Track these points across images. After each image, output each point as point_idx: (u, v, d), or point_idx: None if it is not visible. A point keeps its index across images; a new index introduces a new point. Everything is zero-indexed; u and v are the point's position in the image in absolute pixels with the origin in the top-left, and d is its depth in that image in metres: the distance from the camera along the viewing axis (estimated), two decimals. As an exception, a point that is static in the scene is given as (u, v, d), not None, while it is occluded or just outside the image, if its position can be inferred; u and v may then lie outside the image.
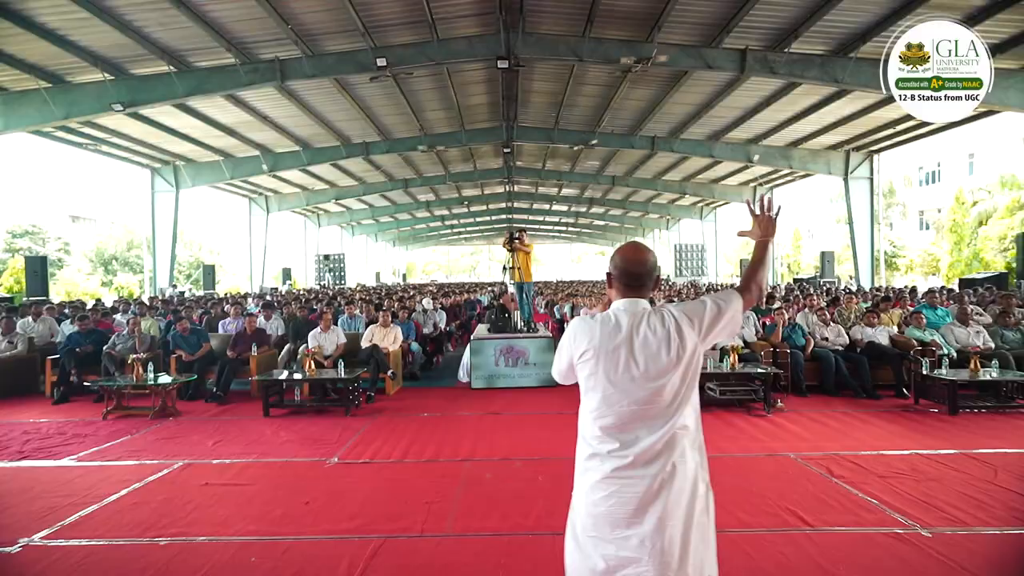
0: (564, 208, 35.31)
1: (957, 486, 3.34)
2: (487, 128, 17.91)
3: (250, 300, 13.80)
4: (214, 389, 6.14)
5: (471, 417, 5.21)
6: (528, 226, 46.19)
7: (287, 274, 26.01)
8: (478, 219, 40.37)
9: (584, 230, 46.33)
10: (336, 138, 17.61)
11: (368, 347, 6.25)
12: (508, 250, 7.03)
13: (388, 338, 6.56)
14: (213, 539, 2.83)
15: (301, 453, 4.22)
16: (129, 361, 5.66)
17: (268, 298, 13.83)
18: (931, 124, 15.13)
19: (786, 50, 10.77)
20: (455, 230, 44.80)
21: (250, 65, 11.54)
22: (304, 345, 6.23)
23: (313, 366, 5.56)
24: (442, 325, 8.92)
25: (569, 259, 64.66)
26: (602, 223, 41.16)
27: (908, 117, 14.80)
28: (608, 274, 1.63)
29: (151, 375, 5.57)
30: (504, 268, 7.20)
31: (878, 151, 17.48)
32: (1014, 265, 12.87)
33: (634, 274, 1.57)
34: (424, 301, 8.34)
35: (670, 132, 17.16)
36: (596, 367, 1.52)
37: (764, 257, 1.66)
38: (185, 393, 6.19)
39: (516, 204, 34.60)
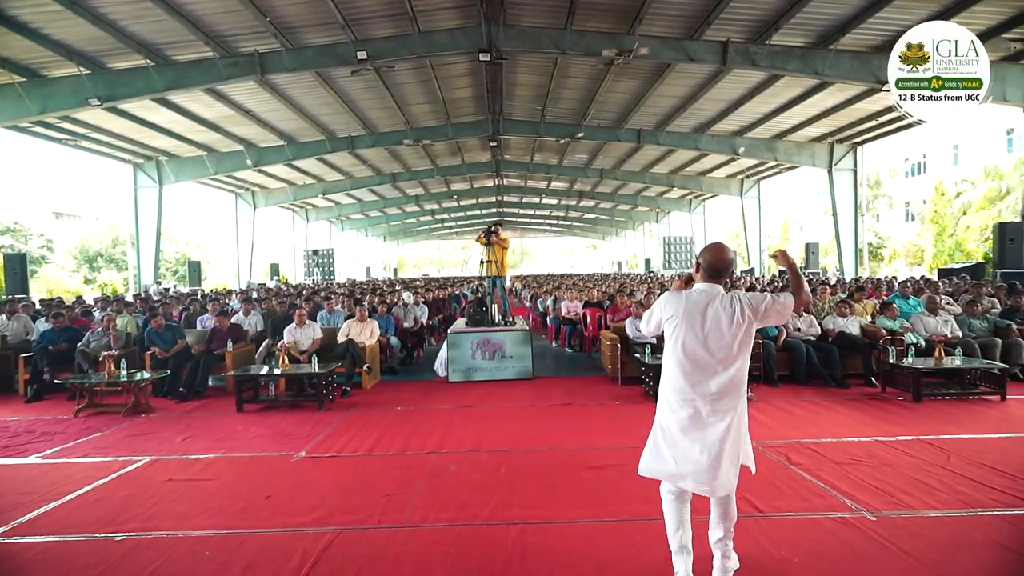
0: (554, 201, 35.32)
1: (909, 471, 3.41)
2: (473, 122, 17.85)
3: (233, 296, 13.70)
4: (180, 389, 6.07)
5: (444, 410, 5.23)
6: (518, 220, 46.26)
7: (275, 269, 25.85)
8: (468, 213, 40.27)
9: (575, 223, 46.34)
10: (321, 132, 17.47)
11: (344, 342, 6.25)
12: (484, 244, 7.04)
13: (365, 333, 6.56)
14: (170, 534, 2.84)
15: (269, 448, 4.22)
16: (100, 358, 5.62)
17: (254, 294, 13.77)
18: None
19: (767, 42, 10.81)
20: (446, 224, 44.67)
21: (229, 59, 11.42)
22: (279, 340, 6.22)
23: (286, 361, 5.55)
24: (424, 319, 8.92)
25: (561, 252, 64.76)
26: (592, 216, 41.21)
27: (890, 109, 14.94)
28: (697, 263, 2.23)
29: (124, 372, 5.54)
30: (481, 262, 7.21)
31: (861, 143, 17.60)
32: (991, 255, 13.05)
33: (717, 268, 2.17)
34: (404, 295, 8.33)
35: (656, 125, 17.18)
36: (678, 328, 2.15)
37: (796, 272, 2.24)
38: (160, 390, 6.17)
39: (506, 198, 34.53)
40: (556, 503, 3.08)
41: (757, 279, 15.58)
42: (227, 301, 11.12)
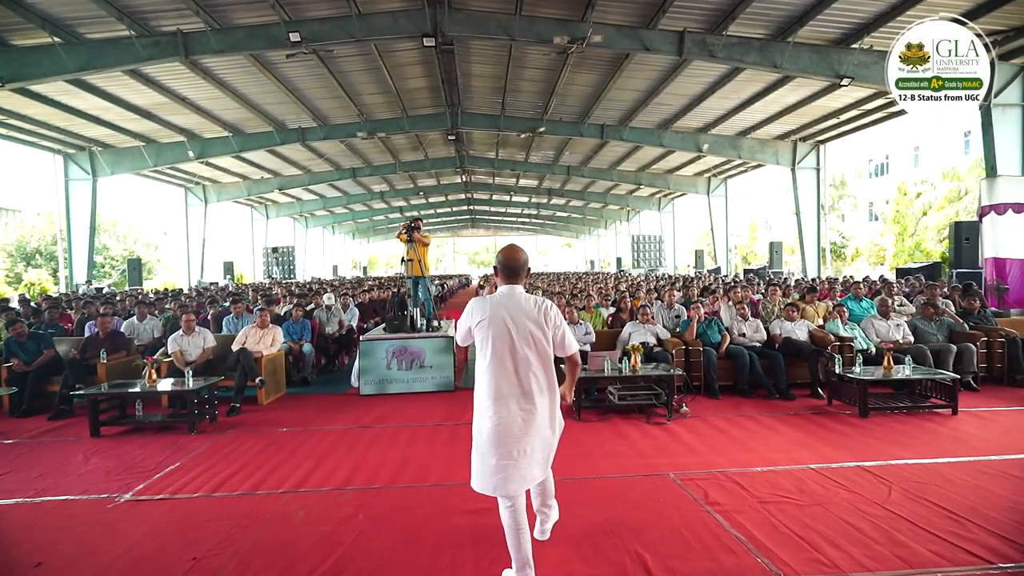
0: (524, 199, 34.74)
1: (843, 512, 2.86)
2: (431, 114, 17.11)
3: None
4: (63, 407, 5.27)
5: (334, 432, 4.52)
6: (490, 218, 45.62)
7: (228, 268, 24.56)
8: (439, 210, 39.43)
9: (547, 222, 45.91)
10: (268, 123, 16.51)
11: (236, 351, 5.48)
12: (405, 241, 6.34)
13: (265, 340, 5.80)
14: None
15: (96, 487, 3.46)
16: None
17: (192, 297, 12.75)
18: (873, 115, 15.16)
19: (724, 33, 10.37)
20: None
21: (149, 38, 10.45)
22: (148, 351, 5.42)
23: (155, 376, 4.76)
24: (353, 323, 8.18)
25: (535, 251, 64.25)
26: (564, 215, 40.81)
27: (851, 106, 14.78)
28: (494, 267, 2.31)
29: (-40, 390, 4.69)
30: (402, 260, 6.51)
31: (824, 141, 17.47)
32: (948, 255, 12.94)
33: (511, 267, 2.26)
34: (326, 297, 7.57)
35: (619, 120, 16.74)
36: (488, 330, 2.19)
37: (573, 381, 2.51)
38: (18, 408, 5.32)
39: (475, 195, 33.82)
40: (399, 570, 2.43)
41: (716, 279, 15.24)
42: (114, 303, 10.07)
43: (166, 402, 5.39)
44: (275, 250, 28.57)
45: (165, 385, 4.78)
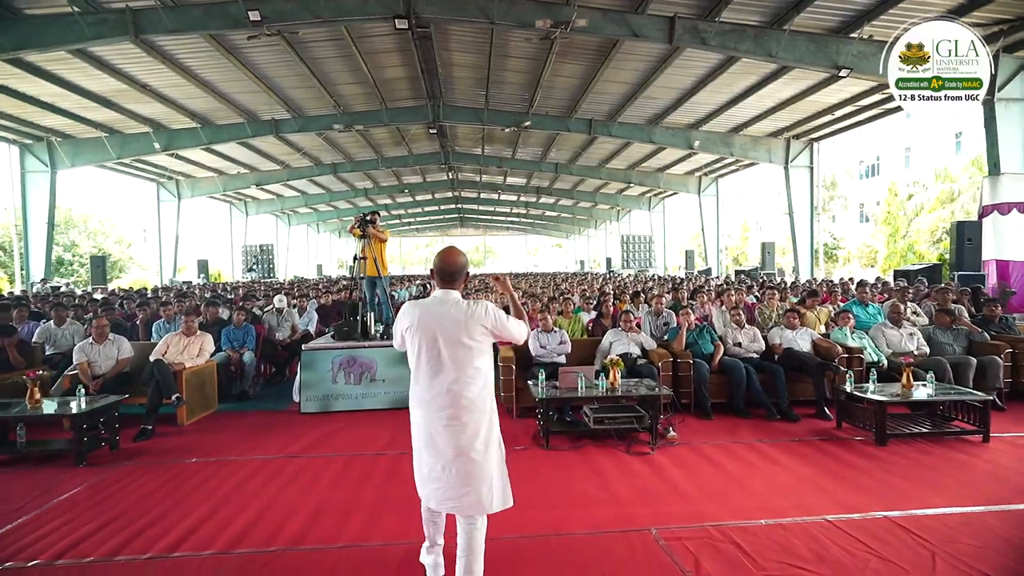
0: (513, 198, 34.05)
1: (877, 592, 2.17)
2: (411, 107, 16.35)
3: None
4: None
5: (252, 463, 3.76)
6: (479, 217, 44.84)
7: (203, 267, 23.56)
8: (426, 209, 38.59)
9: (537, 221, 45.23)
10: (239, 114, 15.64)
11: (151, 363, 4.69)
12: (359, 236, 5.59)
13: (191, 349, 5.01)
14: None
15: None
16: None
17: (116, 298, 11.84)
18: (868, 111, 14.66)
19: (717, 19, 9.75)
20: (403, 220, 42.74)
21: (95, 15, 9.59)
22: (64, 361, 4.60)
23: (38, 395, 3.96)
24: (311, 328, 7.39)
25: (525, 251, 63.53)
26: (554, 214, 40.17)
27: (846, 102, 14.25)
28: (431, 270, 2.23)
29: None
30: (355, 258, 5.75)
31: (818, 139, 16.96)
32: (947, 256, 12.42)
33: (447, 271, 2.17)
34: (276, 299, 6.80)
35: (608, 115, 16.10)
36: (416, 336, 2.12)
37: (515, 301, 2.40)
38: None
39: (463, 193, 33.05)
40: None
41: (707, 280, 14.64)
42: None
43: (68, 425, 4.59)
44: (254, 248, 27.64)
45: (51, 406, 3.98)
